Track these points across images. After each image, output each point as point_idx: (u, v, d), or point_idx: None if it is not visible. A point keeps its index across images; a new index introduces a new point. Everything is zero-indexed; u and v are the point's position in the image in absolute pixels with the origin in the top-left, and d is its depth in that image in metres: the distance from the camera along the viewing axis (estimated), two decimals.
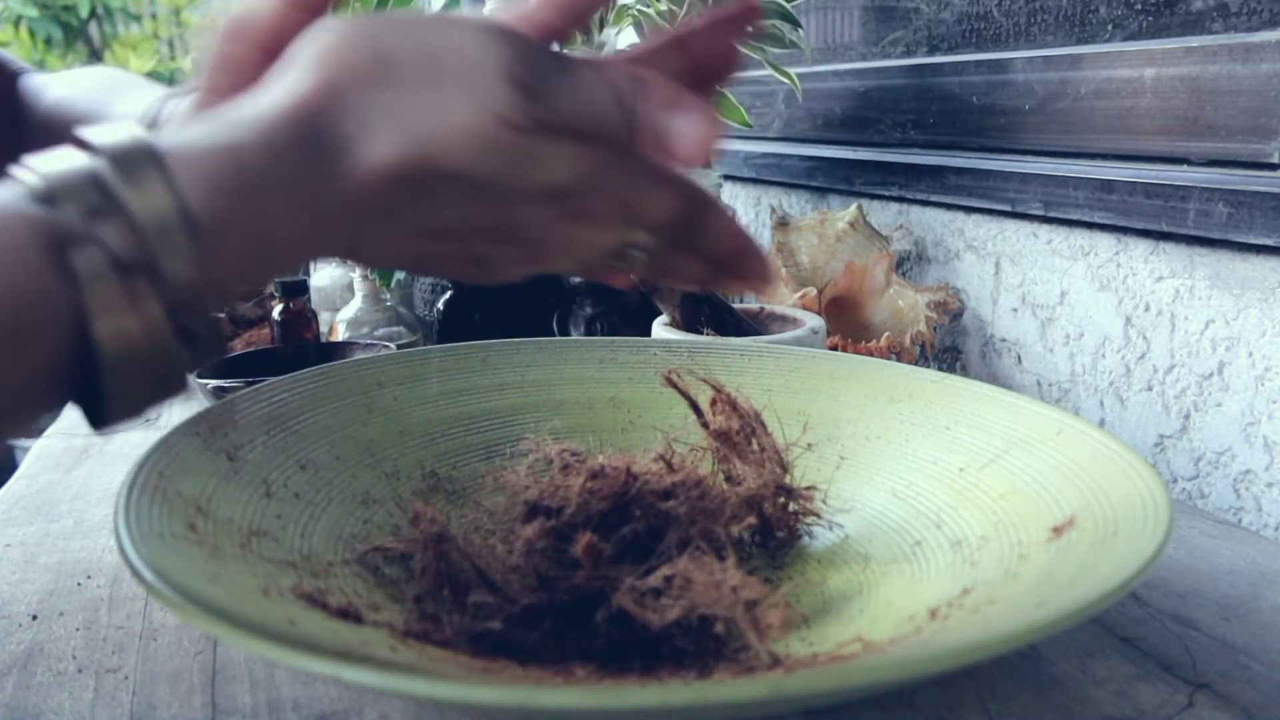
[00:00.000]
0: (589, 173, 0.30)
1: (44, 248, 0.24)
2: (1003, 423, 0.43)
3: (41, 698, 0.36)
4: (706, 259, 0.35)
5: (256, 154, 0.26)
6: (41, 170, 0.25)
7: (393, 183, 0.28)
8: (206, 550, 0.32)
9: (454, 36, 0.28)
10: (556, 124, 0.29)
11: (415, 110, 0.28)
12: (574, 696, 0.26)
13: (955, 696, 0.35)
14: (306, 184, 0.27)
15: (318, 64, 0.28)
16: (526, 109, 0.28)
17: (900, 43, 0.88)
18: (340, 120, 0.28)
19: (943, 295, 0.78)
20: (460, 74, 0.28)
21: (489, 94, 0.28)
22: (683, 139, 0.30)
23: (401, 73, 0.28)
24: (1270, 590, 0.43)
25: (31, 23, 3.47)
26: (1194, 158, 0.60)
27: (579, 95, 0.30)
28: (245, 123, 0.27)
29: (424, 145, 0.28)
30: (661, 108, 0.30)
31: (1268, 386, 0.57)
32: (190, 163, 0.26)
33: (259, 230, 0.27)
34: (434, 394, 0.49)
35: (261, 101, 0.28)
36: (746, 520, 0.42)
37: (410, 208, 0.29)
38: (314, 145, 0.27)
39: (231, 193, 0.26)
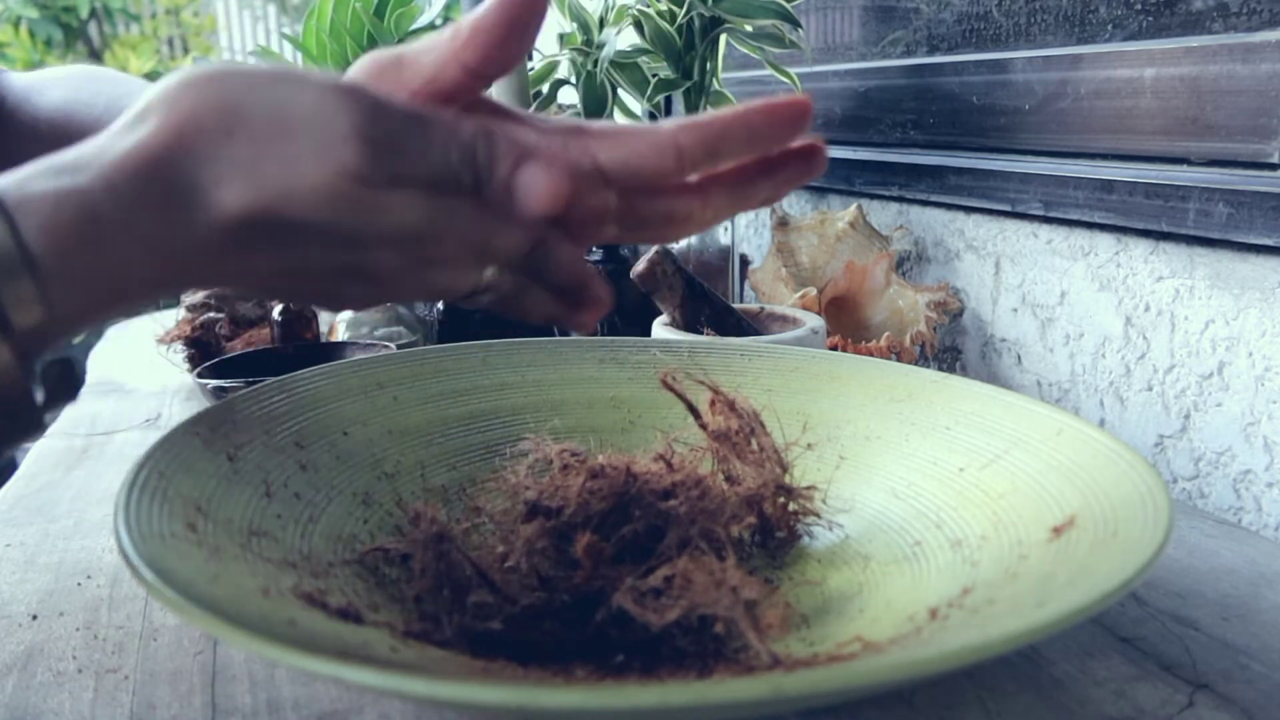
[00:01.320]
0: (437, 219, 0.31)
1: None
2: (1003, 423, 0.43)
3: (41, 698, 0.36)
4: (553, 290, 0.36)
5: (100, 200, 0.27)
6: None
7: (244, 229, 0.29)
8: (206, 550, 0.32)
9: (303, 93, 0.29)
10: (404, 177, 0.30)
11: (263, 163, 0.28)
12: (574, 696, 0.26)
13: (955, 696, 0.35)
14: (153, 229, 0.28)
15: (169, 112, 0.29)
16: (373, 165, 0.29)
17: (900, 43, 0.88)
18: (188, 168, 0.28)
19: (943, 295, 0.78)
20: (308, 130, 0.29)
21: (335, 150, 0.29)
22: (532, 193, 0.31)
23: (250, 126, 0.29)
24: (1270, 590, 0.43)
25: (31, 23, 3.47)
26: (1194, 158, 0.60)
27: (428, 152, 0.31)
28: (89, 167, 0.27)
29: (271, 197, 0.28)
30: (510, 163, 0.32)
31: (1268, 386, 0.57)
32: (31, 207, 0.26)
33: (105, 274, 0.27)
34: (434, 394, 0.49)
35: (108, 147, 0.28)
36: (746, 520, 0.42)
37: (261, 252, 0.30)
38: (160, 191, 0.28)
39: (74, 237, 0.26)
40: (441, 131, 0.31)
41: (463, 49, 0.32)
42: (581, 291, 0.36)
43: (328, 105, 0.29)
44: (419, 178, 0.31)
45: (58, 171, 0.27)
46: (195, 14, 4.31)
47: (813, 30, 1.02)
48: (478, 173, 0.31)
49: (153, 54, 3.67)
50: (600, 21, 0.85)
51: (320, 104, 0.29)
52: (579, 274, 0.36)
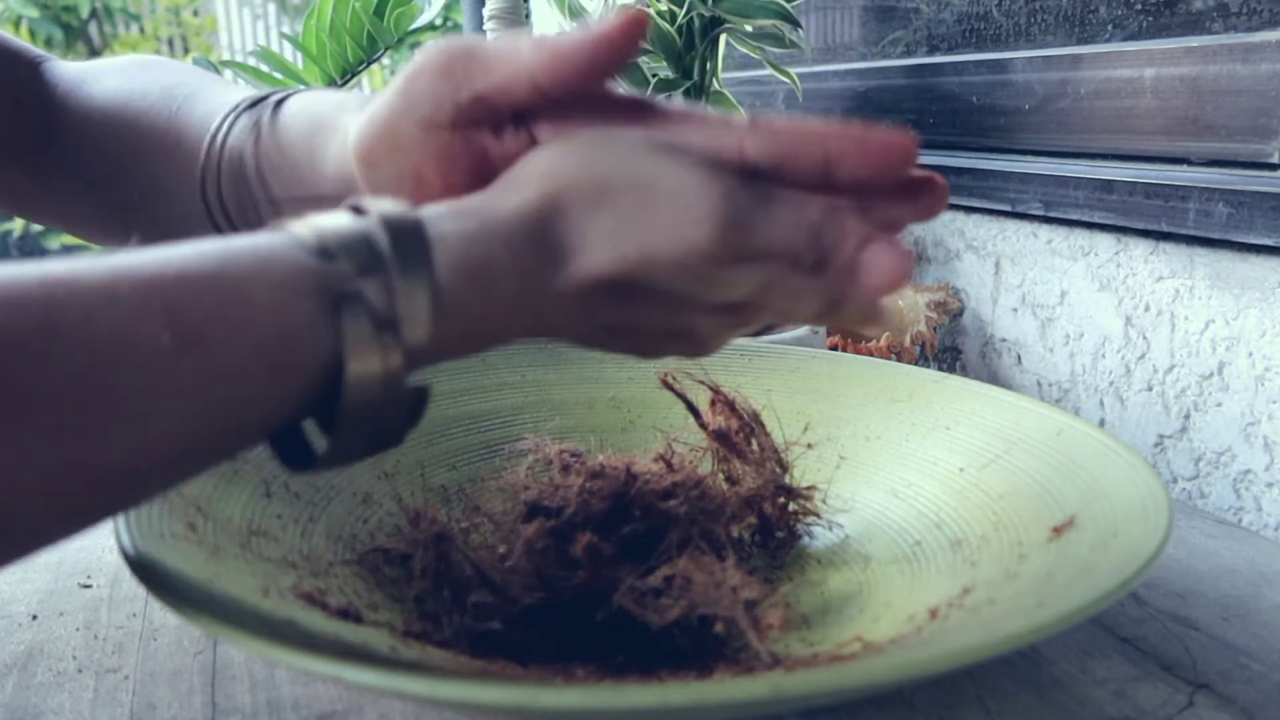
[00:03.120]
0: (768, 287, 0.33)
1: (317, 295, 0.27)
2: (1003, 423, 0.43)
3: (41, 698, 0.36)
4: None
5: (497, 248, 0.30)
6: (318, 225, 0.28)
7: (599, 290, 0.31)
8: (206, 550, 0.32)
9: (669, 170, 0.31)
10: (751, 255, 0.32)
11: (627, 232, 0.31)
12: (574, 696, 0.26)
13: (955, 696, 0.35)
14: (530, 280, 0.30)
15: (548, 179, 0.31)
16: (726, 246, 0.31)
17: (900, 43, 0.88)
18: (564, 231, 0.31)
19: (943, 295, 0.78)
20: (670, 208, 0.31)
21: (693, 229, 0.31)
22: (877, 274, 0.32)
23: (618, 198, 0.31)
24: (1270, 590, 0.43)
25: (32, 23, 3.47)
26: (1194, 158, 0.60)
27: (776, 232, 0.32)
28: (490, 218, 0.30)
29: (628, 265, 0.31)
30: (855, 244, 0.32)
31: (1268, 386, 0.57)
32: (446, 243, 0.29)
33: (484, 313, 0.30)
34: (434, 394, 0.49)
35: (501, 203, 0.31)
36: (746, 520, 0.42)
37: (606, 309, 0.32)
38: (541, 249, 0.31)
39: (473, 278, 0.29)
40: (791, 212, 0.32)
41: (540, 70, 0.33)
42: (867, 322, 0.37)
43: (690, 185, 0.31)
44: (764, 255, 0.32)
45: (465, 215, 0.30)
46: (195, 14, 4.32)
47: (813, 30, 1.02)
48: (821, 253, 0.32)
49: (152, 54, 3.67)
50: None
51: (683, 183, 0.31)
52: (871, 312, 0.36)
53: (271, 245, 0.27)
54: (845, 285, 0.33)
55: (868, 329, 0.38)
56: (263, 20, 5.32)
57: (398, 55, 3.49)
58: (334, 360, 0.27)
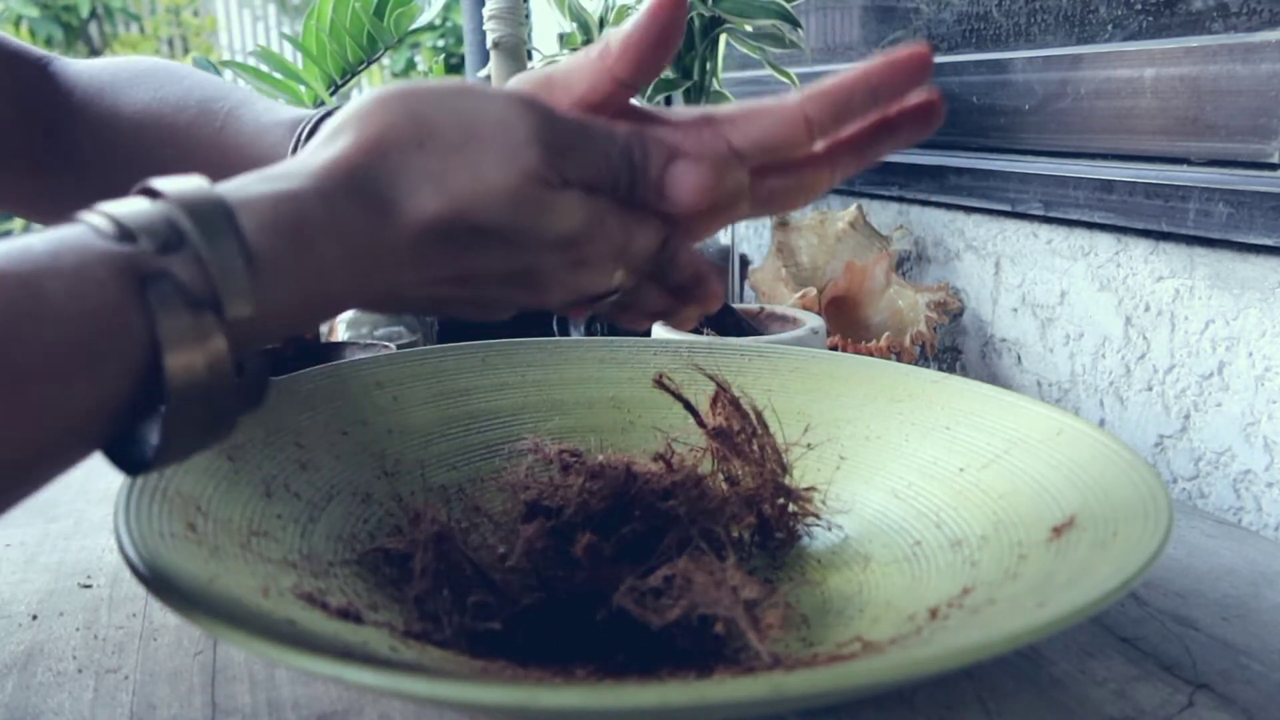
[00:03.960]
0: (594, 220, 0.34)
1: (120, 279, 0.25)
2: (1003, 423, 0.43)
3: (41, 698, 0.36)
4: (670, 289, 0.38)
5: (312, 203, 0.29)
6: (113, 212, 0.27)
7: (432, 234, 0.30)
8: (206, 550, 0.32)
9: (486, 104, 0.31)
10: (574, 179, 0.33)
11: (453, 170, 0.30)
12: (574, 696, 0.26)
13: (955, 696, 0.35)
14: (355, 232, 0.29)
15: (365, 126, 0.31)
16: (550, 167, 0.31)
17: (900, 43, 0.88)
18: (386, 177, 0.30)
19: (943, 295, 0.78)
20: (492, 138, 0.31)
21: (519, 155, 0.31)
22: (681, 187, 0.34)
23: (440, 136, 0.31)
24: (1270, 590, 0.43)
25: (32, 22, 3.47)
26: (1194, 158, 0.60)
27: (594, 154, 0.33)
28: (301, 174, 0.29)
29: (460, 202, 0.30)
30: (661, 161, 0.34)
31: (1268, 386, 0.57)
32: (252, 207, 0.27)
33: (311, 274, 0.29)
34: (434, 394, 0.49)
35: (314, 158, 0.30)
36: (746, 520, 0.42)
37: (444, 256, 0.32)
38: (362, 197, 0.30)
39: (289, 236, 0.28)
40: (603, 135, 0.33)
41: (616, 64, 0.35)
42: (697, 288, 0.39)
43: (509, 114, 0.31)
44: (585, 179, 0.33)
45: (271, 178, 0.29)
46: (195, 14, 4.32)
47: (813, 30, 1.02)
48: (633, 172, 0.34)
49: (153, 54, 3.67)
50: (600, 21, 0.85)
51: (503, 113, 0.31)
52: (697, 270, 0.38)
53: (62, 235, 0.26)
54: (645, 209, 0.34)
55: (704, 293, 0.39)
56: (263, 20, 5.32)
57: (397, 55, 3.48)
58: (151, 348, 0.25)
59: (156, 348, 0.25)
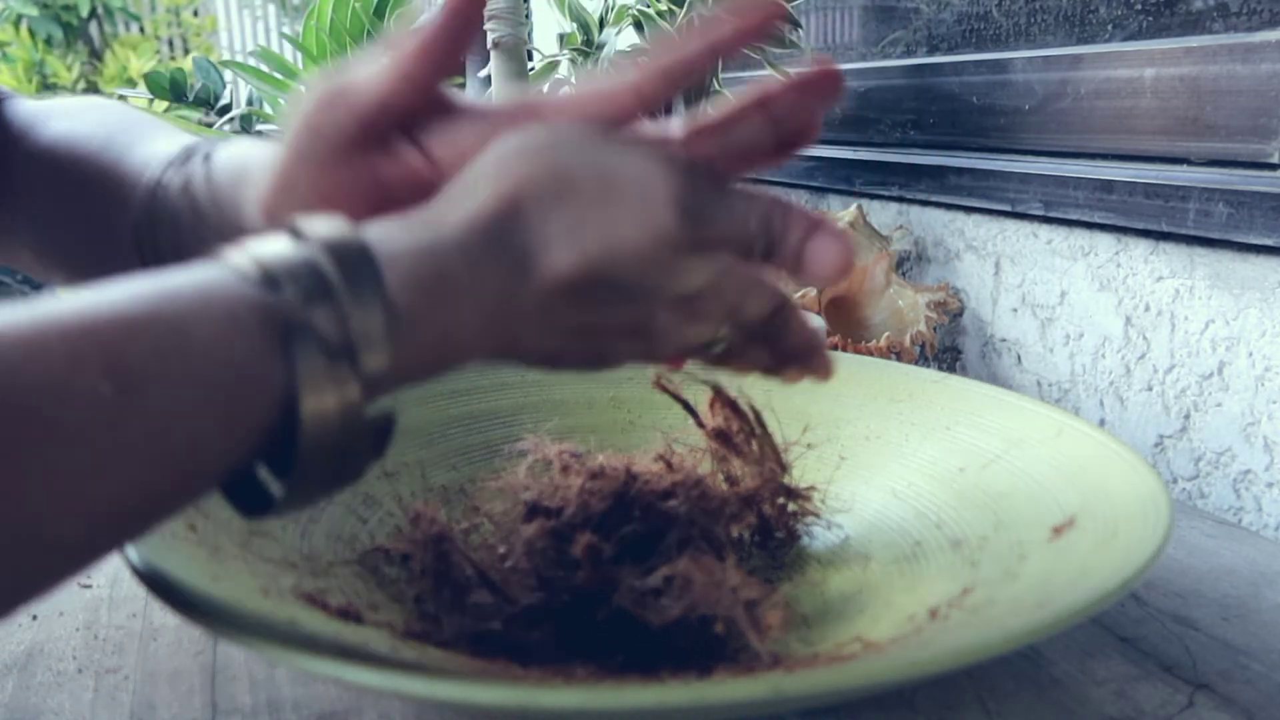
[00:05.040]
0: (719, 280, 0.33)
1: (264, 327, 0.25)
2: (1003, 423, 0.43)
3: (41, 698, 0.36)
4: (776, 352, 0.37)
5: (453, 259, 0.28)
6: (257, 254, 0.27)
7: (563, 290, 0.30)
8: (206, 550, 0.32)
9: (626, 160, 0.31)
10: (709, 242, 0.32)
11: (589, 227, 0.30)
12: (574, 696, 0.26)
13: (955, 696, 0.35)
14: (492, 289, 0.29)
15: (502, 180, 0.30)
16: (687, 231, 0.31)
17: (900, 43, 0.88)
18: (524, 232, 0.30)
19: (943, 295, 0.78)
20: (632, 197, 0.30)
21: (658, 218, 0.30)
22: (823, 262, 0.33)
23: (578, 192, 0.30)
24: (1270, 590, 0.43)
25: (32, 22, 3.47)
26: (1194, 158, 0.60)
27: (732, 219, 0.32)
28: (441, 228, 0.29)
29: (595, 260, 0.30)
30: (802, 232, 0.33)
31: (1268, 386, 0.57)
32: (396, 260, 0.27)
33: (446, 329, 0.28)
34: (434, 394, 0.49)
35: (452, 211, 0.30)
36: (746, 520, 0.42)
37: (568, 312, 0.31)
38: (501, 253, 0.29)
39: (430, 293, 0.28)
40: (743, 201, 0.33)
41: (413, 66, 0.33)
42: (807, 357, 0.37)
43: (650, 172, 0.31)
44: (719, 242, 0.32)
45: (414, 228, 0.29)
46: (195, 14, 4.32)
47: (813, 30, 1.02)
48: (771, 239, 0.33)
49: (153, 54, 3.67)
50: (600, 21, 0.85)
51: (643, 171, 0.31)
52: (810, 341, 0.37)
53: (210, 279, 0.26)
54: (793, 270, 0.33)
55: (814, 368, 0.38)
56: (263, 20, 5.32)
57: None
58: (287, 396, 0.25)
59: (293, 395, 0.25)
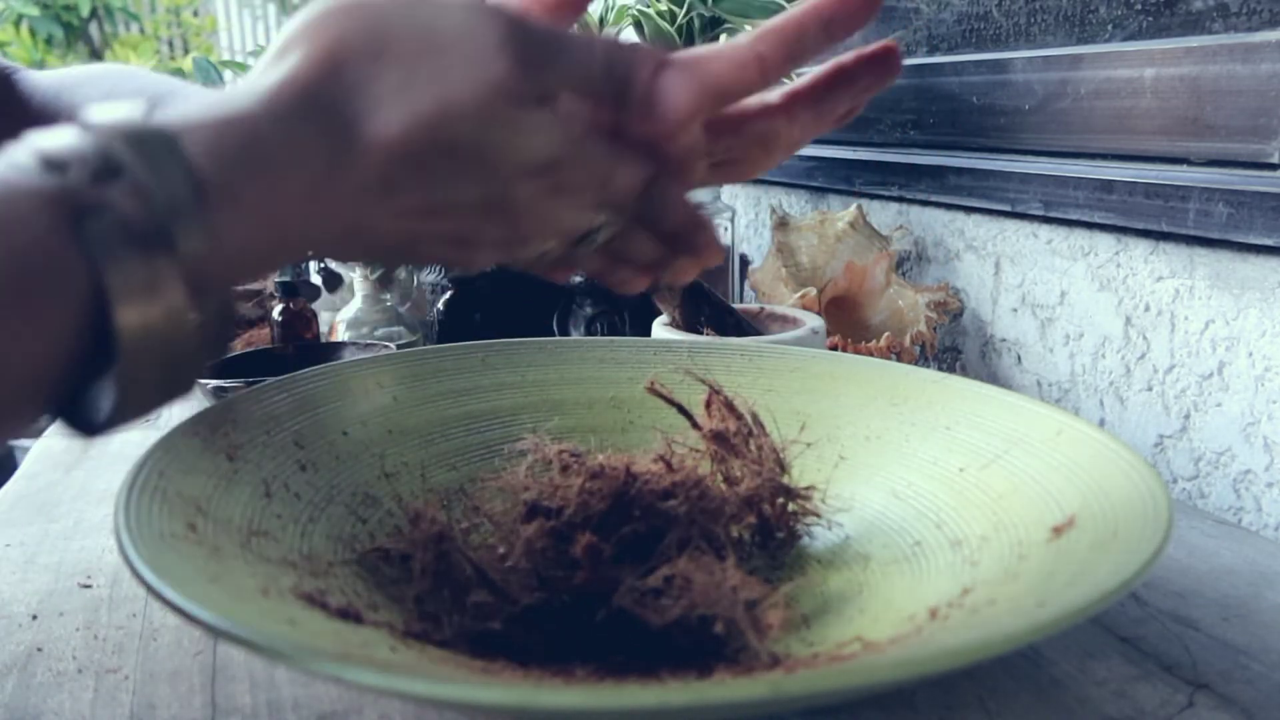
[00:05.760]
0: (574, 144, 0.31)
1: (50, 213, 0.23)
2: (1003, 423, 0.43)
3: (41, 698, 0.36)
4: (660, 235, 0.35)
5: (263, 125, 0.26)
6: (39, 144, 0.24)
7: (397, 156, 0.28)
8: (206, 550, 0.32)
9: (447, 12, 0.29)
10: (550, 93, 0.30)
11: (416, 84, 0.28)
12: (574, 696, 0.26)
13: (955, 696, 0.35)
14: (313, 156, 0.27)
15: (316, 41, 0.28)
16: (524, 77, 0.29)
17: (900, 43, 0.88)
18: (342, 95, 0.27)
19: (943, 295, 0.78)
20: (458, 48, 0.28)
21: (487, 64, 0.28)
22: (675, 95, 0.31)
23: (400, 48, 0.28)
24: (1270, 590, 0.43)
25: (32, 22, 3.47)
26: (1194, 158, 0.60)
27: (572, 64, 0.30)
28: (249, 96, 0.26)
29: (426, 118, 0.28)
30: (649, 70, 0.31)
31: (1268, 386, 0.57)
32: (196, 131, 0.25)
33: (268, 204, 0.26)
34: (434, 394, 0.49)
35: (262, 79, 0.27)
36: (746, 520, 0.42)
37: (410, 183, 0.29)
38: (319, 118, 0.27)
39: (240, 162, 0.25)
40: (582, 44, 0.31)
41: None
42: (691, 236, 0.36)
43: (475, 22, 0.29)
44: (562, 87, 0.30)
45: (216, 103, 0.26)
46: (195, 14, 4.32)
47: None
48: (617, 84, 0.31)
49: (153, 54, 3.67)
50: (600, 21, 0.85)
51: (467, 21, 0.29)
52: (689, 217, 0.35)
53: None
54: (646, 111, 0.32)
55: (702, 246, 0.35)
56: (263, 20, 5.32)
57: None
58: (98, 294, 0.23)
59: (103, 296, 0.23)
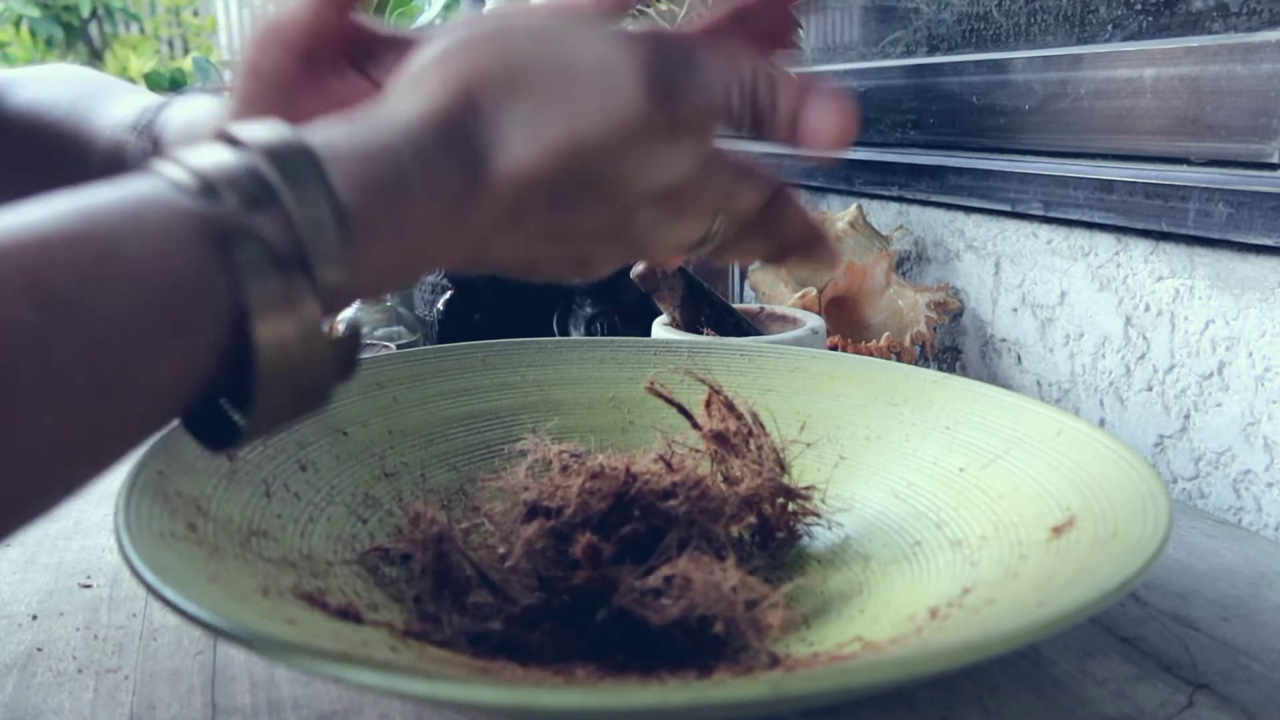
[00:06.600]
0: (700, 170, 0.31)
1: (204, 239, 0.23)
2: (1003, 423, 0.43)
3: (41, 698, 0.36)
4: (776, 242, 0.35)
5: (404, 156, 0.26)
6: (192, 164, 0.25)
7: (526, 187, 0.28)
8: (206, 550, 0.32)
9: (582, 40, 0.29)
10: (683, 123, 0.29)
11: (549, 118, 0.28)
12: (574, 696, 0.26)
13: (955, 696, 0.35)
14: (450, 188, 0.27)
15: (451, 72, 0.28)
16: (657, 112, 0.29)
17: (900, 43, 0.88)
18: (479, 127, 0.28)
19: (943, 295, 0.78)
20: (592, 81, 0.28)
21: (621, 100, 0.28)
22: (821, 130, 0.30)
23: (534, 81, 0.28)
24: (1270, 590, 0.43)
25: (32, 22, 3.47)
26: (1194, 158, 0.60)
27: (708, 91, 0.30)
28: (390, 126, 0.27)
29: (561, 151, 0.28)
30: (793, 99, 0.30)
31: (1268, 386, 0.57)
32: (342, 161, 0.25)
33: (405, 233, 0.26)
34: (434, 394, 0.49)
35: (400, 107, 0.28)
36: (746, 520, 0.42)
37: (537, 212, 0.29)
38: (457, 150, 0.27)
39: (381, 193, 0.26)
40: (720, 69, 0.30)
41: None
42: (809, 247, 0.35)
43: (610, 53, 0.28)
44: (701, 120, 0.30)
45: (360, 130, 0.26)
46: (195, 14, 4.31)
47: (813, 30, 1.02)
48: (759, 110, 0.30)
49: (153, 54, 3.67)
50: None
51: (603, 53, 0.28)
52: (809, 229, 0.35)
53: (141, 192, 0.24)
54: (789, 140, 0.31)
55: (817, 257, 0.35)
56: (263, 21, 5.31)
57: None
58: (237, 314, 0.23)
59: (244, 315, 0.23)
